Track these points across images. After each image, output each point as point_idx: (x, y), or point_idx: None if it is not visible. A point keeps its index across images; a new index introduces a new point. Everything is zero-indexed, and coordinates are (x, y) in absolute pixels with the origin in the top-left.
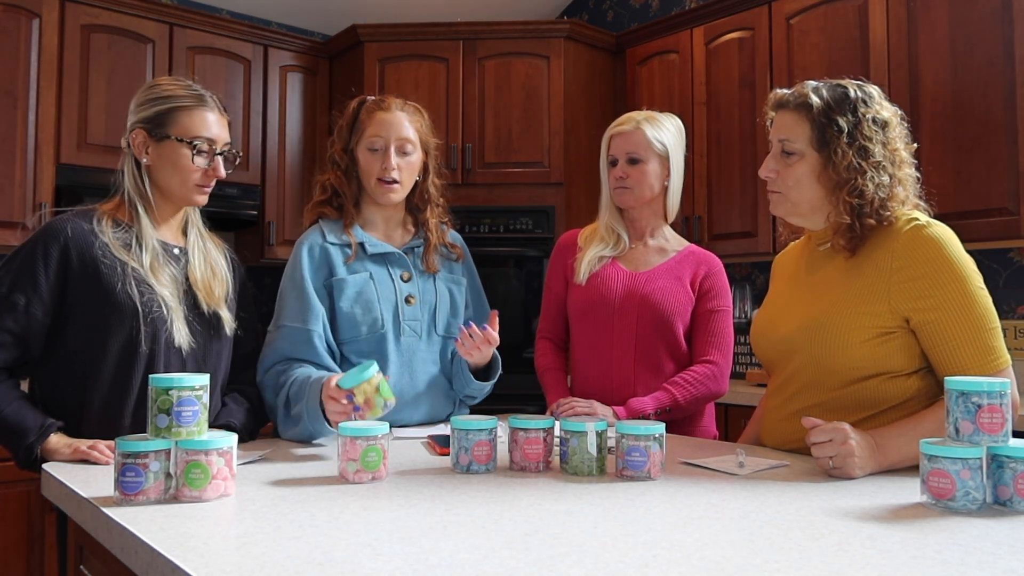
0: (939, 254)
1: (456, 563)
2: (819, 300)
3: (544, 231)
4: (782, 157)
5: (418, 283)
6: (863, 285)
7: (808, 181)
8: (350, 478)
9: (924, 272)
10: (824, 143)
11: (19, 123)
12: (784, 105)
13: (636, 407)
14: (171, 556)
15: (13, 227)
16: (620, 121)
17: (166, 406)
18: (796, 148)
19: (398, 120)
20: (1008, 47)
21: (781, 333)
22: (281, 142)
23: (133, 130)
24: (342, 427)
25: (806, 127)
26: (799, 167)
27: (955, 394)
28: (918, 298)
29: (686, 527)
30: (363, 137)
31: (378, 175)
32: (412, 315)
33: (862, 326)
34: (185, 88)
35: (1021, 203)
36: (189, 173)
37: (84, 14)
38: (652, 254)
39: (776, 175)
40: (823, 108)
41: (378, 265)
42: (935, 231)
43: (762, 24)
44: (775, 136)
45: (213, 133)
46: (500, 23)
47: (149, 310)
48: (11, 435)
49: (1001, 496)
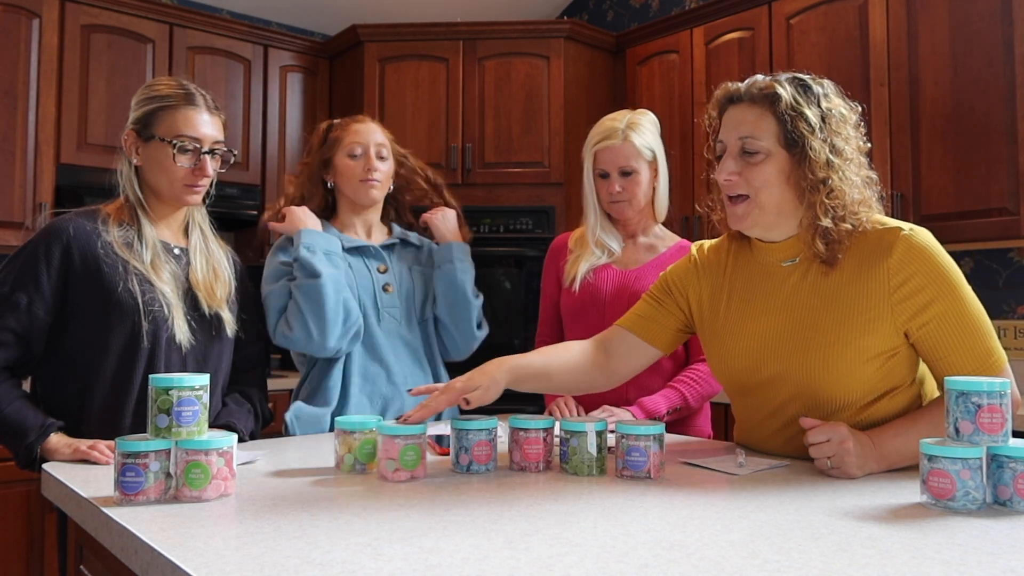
0: (932, 265)
1: (456, 563)
2: (810, 328)
3: (544, 231)
4: (741, 157)
5: (394, 274)
6: (864, 308)
7: (777, 182)
8: (389, 477)
9: (922, 285)
10: (793, 141)
11: (19, 123)
12: (738, 99)
13: (649, 407)
14: (171, 556)
15: (13, 227)
16: (603, 134)
17: (166, 406)
18: (761, 146)
19: (372, 129)
20: (1008, 47)
21: (770, 370)
22: (281, 142)
23: (126, 131)
24: (381, 427)
25: (771, 122)
26: (766, 167)
27: (955, 394)
28: (918, 313)
29: (686, 527)
30: (341, 146)
31: (361, 176)
32: (390, 302)
33: (869, 353)
34: (175, 88)
35: (1021, 203)
36: (174, 172)
37: (84, 14)
38: (642, 252)
39: (738, 178)
40: (791, 102)
41: (355, 257)
42: (923, 239)
43: (762, 24)
44: (731, 135)
45: (199, 132)
46: (500, 23)
47: (150, 308)
48: (11, 435)
49: (1001, 496)
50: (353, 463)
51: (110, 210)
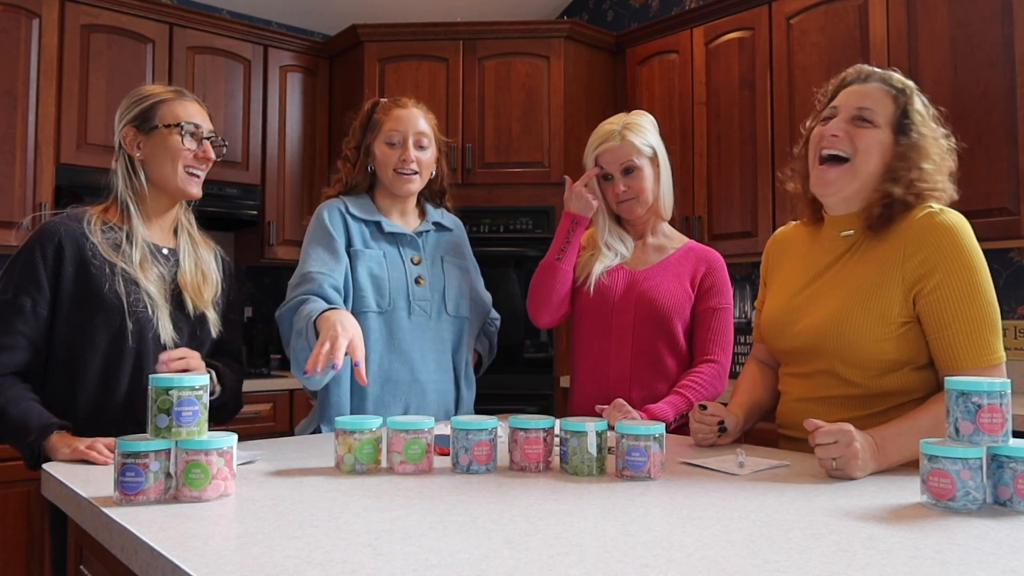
0: (950, 240)
1: (456, 563)
2: (842, 293)
3: (544, 231)
4: (852, 123)
5: (427, 266)
6: (880, 273)
7: (877, 153)
8: (396, 469)
9: (932, 256)
10: (903, 127)
11: (19, 123)
12: (870, 78)
13: (657, 415)
14: (171, 556)
15: (13, 227)
16: (602, 137)
17: (166, 406)
18: (877, 119)
19: (414, 116)
20: (1008, 47)
21: (805, 326)
22: (281, 142)
23: (123, 131)
24: (390, 421)
25: (890, 104)
26: (874, 134)
27: (955, 394)
28: (923, 279)
29: (686, 527)
30: (380, 132)
31: (396, 167)
32: (422, 296)
33: (885, 318)
34: (162, 87)
35: (1021, 203)
36: (180, 155)
37: (84, 14)
38: (651, 252)
39: (845, 135)
40: (910, 96)
41: (391, 245)
42: (948, 218)
43: (762, 24)
44: (851, 102)
45: (197, 119)
46: (500, 23)
47: (135, 308)
48: (15, 434)
49: (1001, 496)
50: (353, 463)
51: (96, 211)
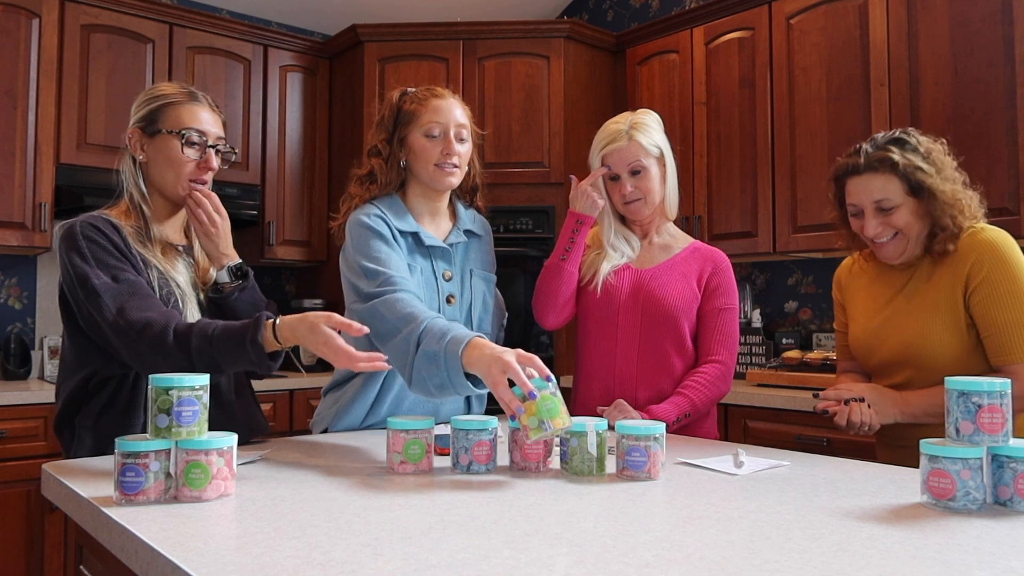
0: (993, 253)
1: (456, 563)
2: (915, 313)
3: (544, 231)
4: (879, 214)
5: (457, 282)
6: (941, 290)
7: (916, 220)
8: (396, 468)
9: (976, 266)
10: (918, 188)
11: (19, 123)
12: (859, 171)
13: (660, 416)
14: (171, 556)
15: (13, 227)
16: (609, 137)
17: (166, 406)
18: (895, 203)
19: (453, 106)
20: (1008, 47)
21: (893, 344)
22: (281, 142)
23: (130, 130)
24: (389, 421)
25: (896, 182)
26: (903, 213)
27: (955, 394)
28: (972, 286)
29: (686, 527)
30: (418, 124)
31: (437, 160)
32: (452, 315)
33: (956, 326)
34: (178, 88)
35: (1021, 203)
36: (181, 165)
37: (84, 14)
38: (657, 251)
39: (884, 227)
40: (905, 161)
41: (426, 259)
42: (989, 235)
43: (762, 24)
44: (865, 200)
45: (204, 127)
46: (500, 23)
47: (168, 301)
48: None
49: (1001, 496)
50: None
51: (113, 212)
